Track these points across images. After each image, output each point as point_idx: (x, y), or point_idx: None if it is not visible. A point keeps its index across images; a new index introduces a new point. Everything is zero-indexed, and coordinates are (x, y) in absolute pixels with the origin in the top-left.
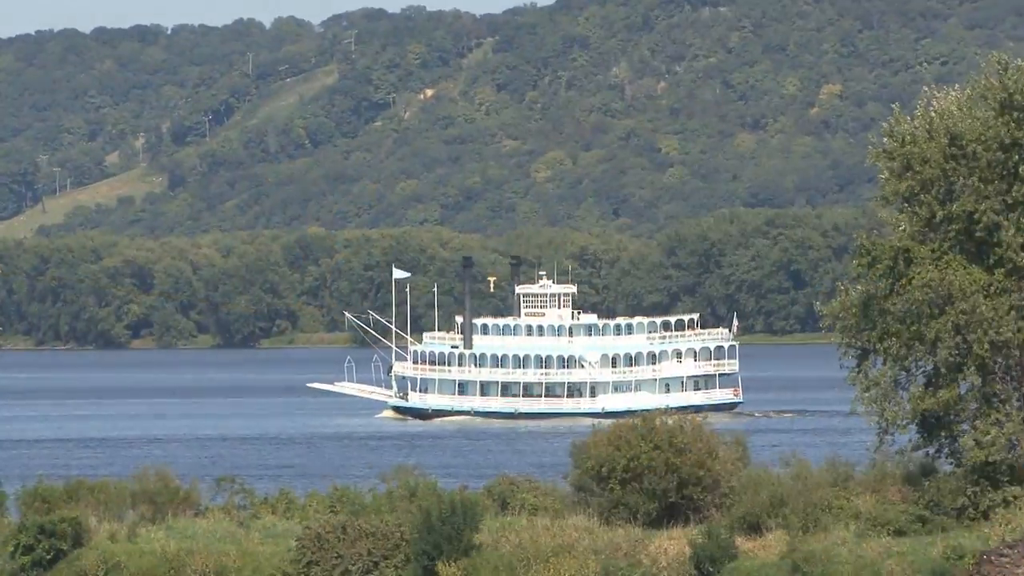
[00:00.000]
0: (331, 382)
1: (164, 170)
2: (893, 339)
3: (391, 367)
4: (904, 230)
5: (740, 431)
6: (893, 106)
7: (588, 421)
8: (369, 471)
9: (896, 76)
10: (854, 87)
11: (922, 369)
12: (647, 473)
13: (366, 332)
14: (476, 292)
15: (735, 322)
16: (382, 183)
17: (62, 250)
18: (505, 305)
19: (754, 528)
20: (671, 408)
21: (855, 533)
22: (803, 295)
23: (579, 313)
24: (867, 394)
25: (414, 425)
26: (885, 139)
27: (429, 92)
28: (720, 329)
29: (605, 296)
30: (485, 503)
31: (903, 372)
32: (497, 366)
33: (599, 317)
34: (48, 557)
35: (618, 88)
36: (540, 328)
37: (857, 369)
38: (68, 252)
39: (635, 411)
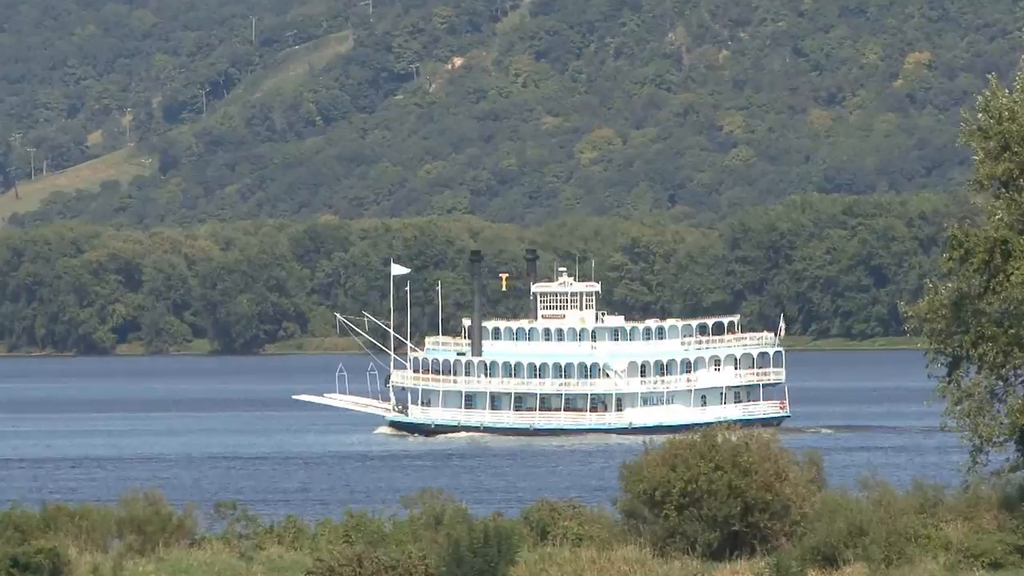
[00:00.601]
0: (321, 393)
1: (155, 151)
2: (989, 344)
3: (389, 377)
4: (1001, 219)
5: (812, 449)
6: (988, 77)
7: (613, 438)
8: (366, 496)
9: (992, 43)
10: (944, 56)
11: (1022, 379)
12: (707, 497)
13: (360, 336)
14: (485, 290)
15: (781, 325)
16: (404, 165)
17: (38, 242)
18: (520, 306)
19: (830, 560)
20: (725, 421)
21: (945, 566)
22: (885, 294)
23: (604, 315)
24: (959, 407)
25: (416, 443)
26: (979, 115)
27: (458, 61)
28: (764, 333)
29: (659, 295)
30: (522, 532)
31: (1000, 382)
32: (510, 375)
33: (636, 319)
34: None
35: (674, 57)
36: (559, 332)
37: (947, 379)
38: (45, 244)
39: (667, 427)
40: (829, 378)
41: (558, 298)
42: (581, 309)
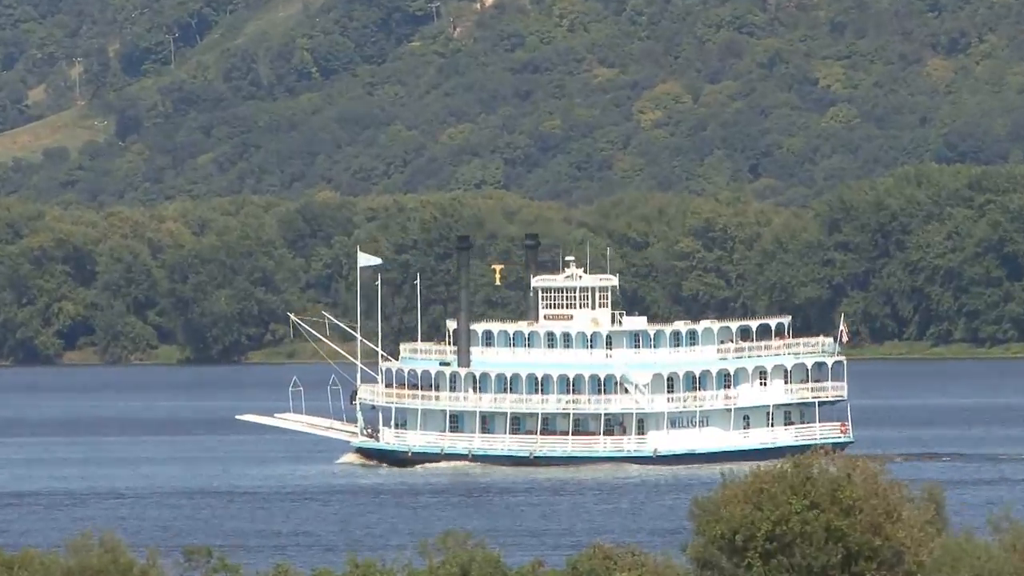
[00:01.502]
0: (270, 412)
1: (111, 111)
2: None
3: (355, 392)
4: None
5: (931, 482)
6: None
7: (634, 468)
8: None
9: None
10: None
11: None
12: (800, 542)
13: (318, 341)
14: (471, 285)
15: (843, 327)
16: (421, 129)
17: None
18: (518, 305)
19: None
20: (778, 448)
21: None
22: (1021, 289)
23: (622, 315)
24: None
25: (389, 475)
26: None
27: (488, 0)
28: (821, 338)
29: (739, 289)
30: None
31: None
32: (505, 391)
33: (657, 320)
34: None
35: None
36: (566, 337)
37: None
38: None
39: (700, 455)
40: (912, 393)
41: (565, 294)
42: (593, 308)
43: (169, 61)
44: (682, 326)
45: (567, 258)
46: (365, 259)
